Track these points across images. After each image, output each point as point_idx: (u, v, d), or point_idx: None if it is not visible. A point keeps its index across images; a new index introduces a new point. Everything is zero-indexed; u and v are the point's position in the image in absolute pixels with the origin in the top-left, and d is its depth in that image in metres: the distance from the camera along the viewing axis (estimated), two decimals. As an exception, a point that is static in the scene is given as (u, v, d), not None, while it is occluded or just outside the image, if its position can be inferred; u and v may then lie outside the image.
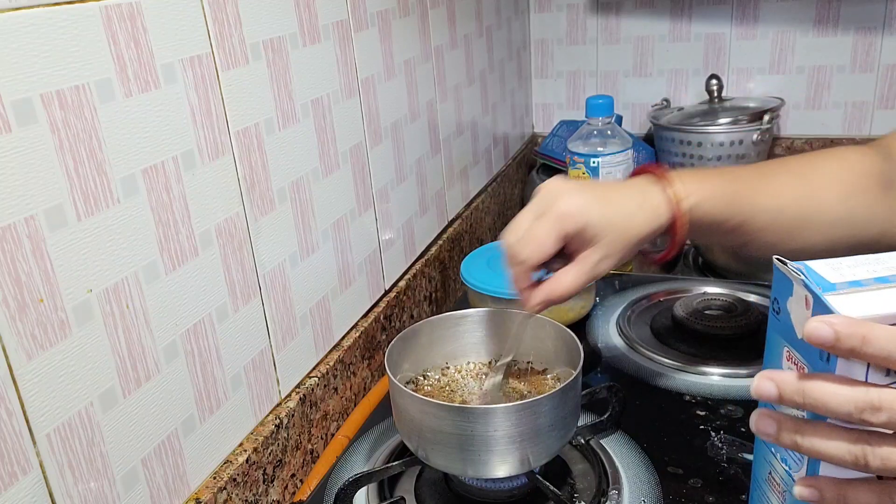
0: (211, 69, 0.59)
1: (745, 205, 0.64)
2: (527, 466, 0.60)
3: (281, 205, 0.70)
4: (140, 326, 0.53)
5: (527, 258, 0.59)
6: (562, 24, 1.55)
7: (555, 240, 0.58)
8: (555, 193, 0.60)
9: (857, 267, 0.45)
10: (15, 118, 0.43)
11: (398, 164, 0.95)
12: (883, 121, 1.41)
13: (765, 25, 1.42)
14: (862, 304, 0.43)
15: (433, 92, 1.05)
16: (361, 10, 0.83)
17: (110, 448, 0.51)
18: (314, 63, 0.74)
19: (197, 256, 0.59)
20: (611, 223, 0.59)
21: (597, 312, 0.96)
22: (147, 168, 0.53)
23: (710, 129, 1.32)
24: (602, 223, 0.59)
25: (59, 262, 0.47)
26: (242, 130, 0.64)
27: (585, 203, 0.59)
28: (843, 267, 0.46)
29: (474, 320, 0.72)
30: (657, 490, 0.64)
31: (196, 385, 0.59)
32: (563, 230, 0.58)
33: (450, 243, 1.12)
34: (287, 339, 0.72)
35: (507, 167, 1.44)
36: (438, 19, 1.05)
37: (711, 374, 0.80)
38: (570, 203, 0.59)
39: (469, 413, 0.58)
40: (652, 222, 0.61)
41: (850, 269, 0.45)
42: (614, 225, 0.60)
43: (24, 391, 0.45)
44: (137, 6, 0.52)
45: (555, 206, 0.59)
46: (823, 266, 0.46)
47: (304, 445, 0.73)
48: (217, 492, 0.60)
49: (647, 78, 1.52)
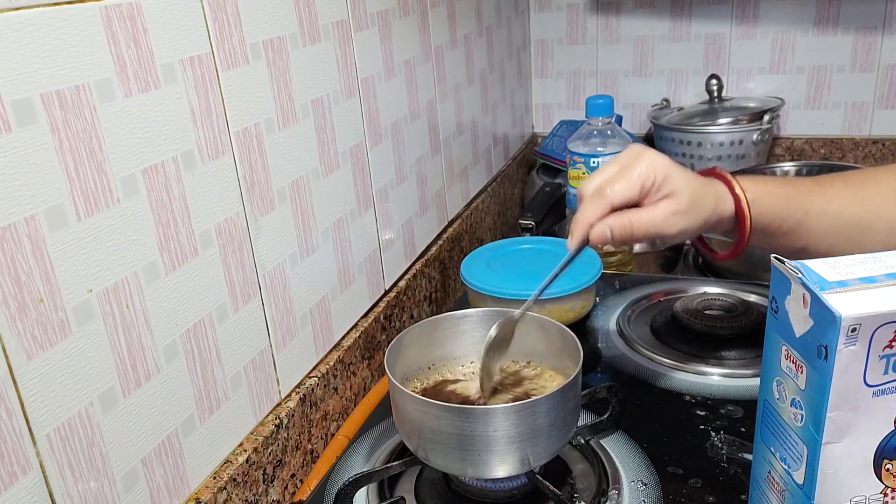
0: (211, 69, 0.59)
1: (802, 205, 0.67)
2: (527, 466, 0.60)
3: (281, 205, 0.70)
4: (140, 326, 0.53)
5: (612, 195, 0.62)
6: (562, 24, 1.55)
7: (640, 185, 0.62)
8: (641, 150, 0.65)
9: (854, 266, 0.46)
10: (15, 118, 0.43)
11: (398, 164, 0.95)
12: (883, 121, 1.41)
13: (765, 25, 1.42)
14: (860, 302, 0.43)
15: (433, 92, 1.05)
16: (361, 10, 0.83)
17: (110, 448, 0.51)
18: (314, 63, 0.74)
19: (197, 256, 0.59)
20: (689, 186, 0.64)
21: (597, 312, 0.96)
22: (147, 168, 0.53)
23: (710, 129, 1.32)
24: (681, 183, 0.63)
25: (59, 262, 0.47)
26: (242, 130, 0.64)
27: (669, 162, 0.64)
28: (841, 266, 0.46)
29: (474, 320, 0.72)
30: (657, 490, 0.64)
31: (196, 385, 0.59)
32: (650, 177, 0.62)
33: (450, 243, 1.12)
34: (287, 339, 0.72)
35: (507, 167, 1.44)
36: (438, 19, 1.05)
37: (711, 374, 0.80)
38: (656, 157, 0.64)
39: (469, 413, 0.58)
40: (719, 204, 0.65)
41: (847, 267, 0.46)
42: (691, 190, 0.64)
43: (24, 391, 0.45)
44: (137, 6, 0.52)
45: (643, 157, 0.64)
46: (821, 265, 0.46)
47: (304, 445, 0.73)
48: (217, 492, 0.60)
49: (647, 78, 1.52)
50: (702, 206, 0.64)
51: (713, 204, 0.65)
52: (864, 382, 0.44)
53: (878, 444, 0.46)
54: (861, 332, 0.43)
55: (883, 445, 0.46)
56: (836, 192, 0.68)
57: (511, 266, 0.93)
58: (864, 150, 1.43)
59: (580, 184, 0.65)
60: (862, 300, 0.43)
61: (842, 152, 1.44)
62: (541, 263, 0.94)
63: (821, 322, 0.44)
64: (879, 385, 0.44)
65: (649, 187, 0.63)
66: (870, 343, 0.43)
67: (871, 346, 0.44)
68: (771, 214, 0.66)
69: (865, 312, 0.43)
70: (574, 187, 1.08)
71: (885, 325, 0.43)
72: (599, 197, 0.63)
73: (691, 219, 0.64)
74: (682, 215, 0.63)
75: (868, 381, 0.44)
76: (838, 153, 1.45)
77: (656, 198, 0.63)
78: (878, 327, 0.43)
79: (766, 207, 0.66)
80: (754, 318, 0.87)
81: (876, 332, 0.43)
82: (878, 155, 1.42)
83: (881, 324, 0.43)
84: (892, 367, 0.44)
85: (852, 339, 0.43)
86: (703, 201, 0.64)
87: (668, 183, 0.63)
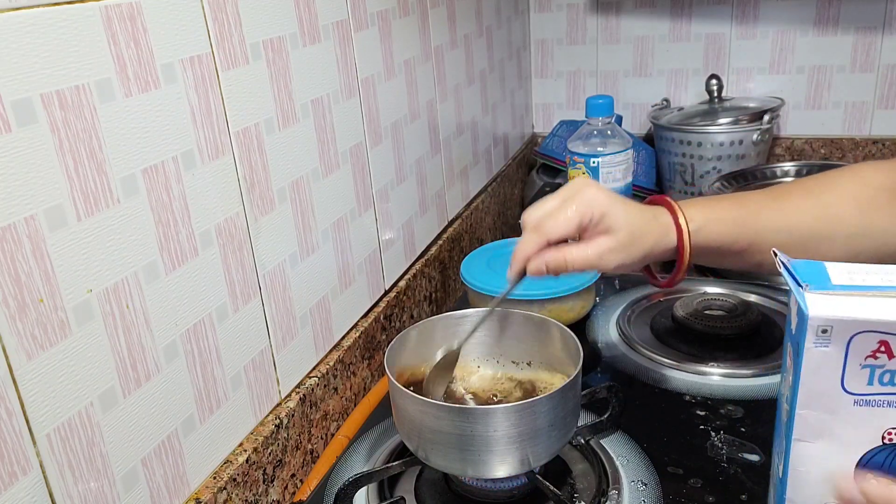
0: (211, 69, 0.59)
1: (752, 226, 0.67)
2: (527, 466, 0.60)
3: (281, 205, 0.70)
4: (140, 326, 0.53)
5: (549, 231, 0.62)
6: (562, 24, 1.55)
7: (578, 222, 0.62)
8: (582, 185, 0.64)
9: (871, 275, 0.45)
10: (15, 118, 0.43)
11: (398, 164, 0.95)
12: (883, 121, 1.41)
13: (765, 25, 1.42)
14: (839, 306, 0.43)
15: (433, 92, 1.05)
16: (361, 10, 0.83)
17: (110, 448, 0.51)
18: (314, 63, 0.74)
19: (197, 256, 0.59)
20: (628, 222, 0.63)
21: (597, 312, 0.96)
22: (147, 168, 0.53)
23: (710, 129, 1.32)
24: (621, 220, 0.63)
25: (59, 262, 0.47)
26: (242, 130, 0.64)
27: (610, 198, 0.64)
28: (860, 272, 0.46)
29: (474, 320, 0.72)
30: (657, 490, 0.64)
31: (196, 385, 0.59)
32: (587, 214, 0.62)
33: (450, 243, 1.12)
34: (287, 339, 0.72)
35: (507, 167, 1.44)
36: (438, 19, 1.05)
37: (711, 374, 0.80)
38: (597, 194, 0.63)
39: (469, 413, 0.58)
40: (661, 238, 0.65)
41: (864, 275, 0.45)
42: (630, 225, 0.63)
43: (24, 391, 0.45)
44: (137, 6, 0.52)
45: (583, 192, 0.63)
46: (838, 268, 0.46)
47: (304, 445, 0.73)
48: (217, 492, 0.60)
49: (647, 78, 1.52)
50: (642, 242, 0.64)
51: (655, 238, 0.65)
52: (843, 388, 0.44)
53: (862, 457, 0.46)
54: (834, 336, 0.43)
55: (867, 459, 0.46)
56: (793, 205, 0.68)
57: (511, 266, 0.93)
58: (864, 150, 1.43)
59: (523, 213, 0.65)
60: (842, 304, 0.43)
61: (842, 152, 1.44)
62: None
63: (800, 320, 0.45)
64: (863, 395, 0.44)
65: (587, 223, 0.62)
66: (847, 348, 0.43)
67: (850, 351, 0.43)
68: (719, 240, 0.66)
69: (837, 316, 0.43)
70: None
71: (863, 332, 0.43)
72: (536, 232, 0.63)
73: (629, 254, 0.64)
74: (618, 252, 0.63)
75: (847, 387, 0.44)
76: (838, 153, 1.45)
77: (594, 233, 0.63)
78: (856, 334, 0.43)
79: (713, 234, 0.66)
80: (754, 318, 0.87)
81: (854, 339, 0.43)
82: (878, 155, 1.42)
83: (859, 331, 0.43)
84: (879, 379, 0.44)
85: (823, 340, 0.44)
86: (644, 237, 0.64)
87: (606, 219, 0.62)
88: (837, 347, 0.44)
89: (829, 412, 0.45)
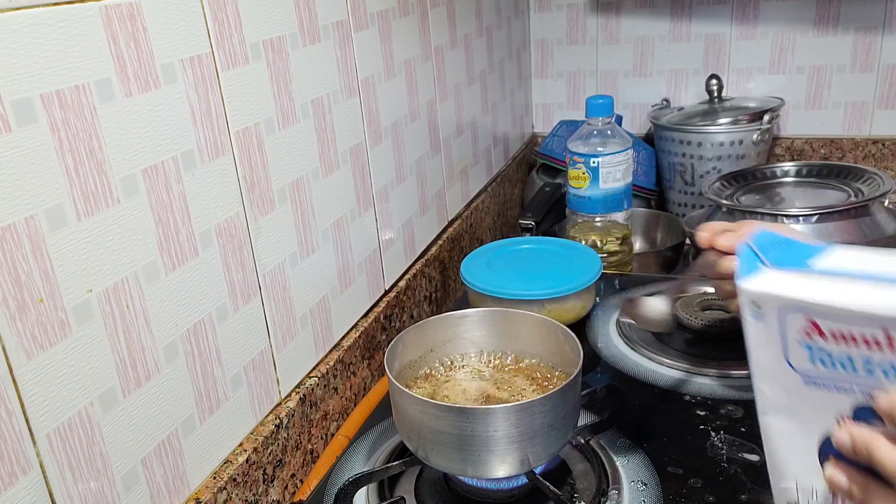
0: (211, 69, 0.59)
1: None
2: (527, 466, 0.60)
3: (281, 205, 0.70)
4: (140, 326, 0.53)
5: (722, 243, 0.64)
6: (562, 24, 1.55)
7: None
8: None
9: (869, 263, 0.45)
10: (15, 118, 0.43)
11: (398, 164, 0.95)
12: (883, 121, 1.41)
13: (765, 25, 1.42)
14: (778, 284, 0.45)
15: (433, 92, 1.05)
16: (361, 10, 0.83)
17: (110, 448, 0.51)
18: (314, 63, 0.74)
19: (197, 256, 0.59)
20: None
21: (597, 312, 0.96)
22: (147, 168, 0.53)
23: (710, 129, 1.32)
24: None
25: (59, 262, 0.47)
26: (242, 130, 0.64)
27: None
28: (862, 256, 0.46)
29: (474, 320, 0.72)
30: (657, 490, 0.64)
31: (196, 385, 0.59)
32: None
33: (450, 243, 1.12)
34: (287, 339, 0.72)
35: (507, 167, 1.44)
36: (438, 19, 1.05)
37: (711, 374, 0.80)
38: None
39: (469, 413, 0.58)
40: None
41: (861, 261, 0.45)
42: None
43: (24, 391, 0.45)
44: (137, 6, 0.52)
45: None
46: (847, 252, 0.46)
47: (304, 445, 0.73)
48: (217, 492, 0.60)
49: (647, 78, 1.52)
50: None
51: None
52: (788, 363, 0.45)
53: (821, 441, 0.46)
54: (767, 311, 0.45)
55: (825, 447, 0.46)
56: None
57: (511, 266, 0.93)
58: (864, 150, 1.43)
59: None
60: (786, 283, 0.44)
61: (842, 152, 1.44)
62: (541, 263, 0.94)
63: None
64: (810, 376, 0.45)
65: None
66: (783, 325, 0.45)
67: (786, 328, 0.44)
68: None
69: (764, 291, 0.44)
70: (574, 187, 1.08)
71: (795, 312, 0.44)
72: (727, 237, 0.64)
73: None
74: None
75: (791, 362, 0.45)
76: (838, 153, 1.45)
77: None
78: (789, 314, 0.44)
79: None
80: (754, 318, 0.87)
81: (788, 319, 0.44)
82: (878, 155, 1.42)
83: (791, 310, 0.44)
84: (820, 361, 0.44)
85: (758, 314, 0.45)
86: None
87: None
88: (771, 323, 0.45)
89: (784, 390, 0.46)
